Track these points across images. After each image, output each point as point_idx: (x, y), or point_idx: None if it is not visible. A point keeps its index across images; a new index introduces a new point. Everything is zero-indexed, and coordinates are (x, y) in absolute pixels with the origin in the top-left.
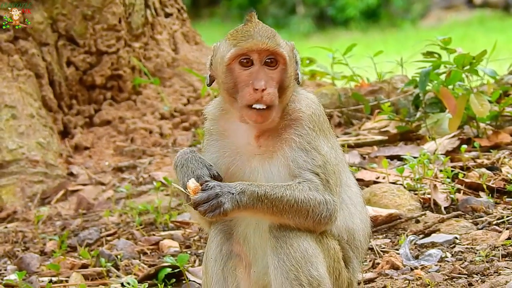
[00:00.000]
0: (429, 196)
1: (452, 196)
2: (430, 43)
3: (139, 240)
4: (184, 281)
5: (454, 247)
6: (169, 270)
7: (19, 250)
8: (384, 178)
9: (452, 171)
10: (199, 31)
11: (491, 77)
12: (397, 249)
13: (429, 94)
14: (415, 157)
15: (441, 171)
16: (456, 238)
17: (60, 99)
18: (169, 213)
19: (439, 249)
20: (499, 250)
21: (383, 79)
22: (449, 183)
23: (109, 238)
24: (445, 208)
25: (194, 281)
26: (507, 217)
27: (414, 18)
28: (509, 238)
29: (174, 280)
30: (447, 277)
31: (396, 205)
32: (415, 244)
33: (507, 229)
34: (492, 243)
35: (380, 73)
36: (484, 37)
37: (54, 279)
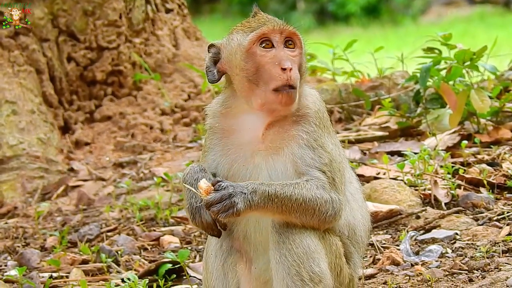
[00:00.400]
0: (429, 192)
1: (452, 192)
2: (430, 39)
3: (139, 236)
4: (184, 277)
5: (455, 243)
6: (169, 265)
7: (19, 246)
8: (384, 173)
9: (453, 166)
10: (199, 27)
11: (492, 73)
12: (398, 245)
13: (429, 90)
14: (415, 153)
15: (441, 166)
16: (457, 234)
17: (61, 94)
18: (169, 208)
19: (439, 245)
20: (499, 246)
21: (383, 75)
22: (450, 178)
23: (109, 233)
24: (445, 204)
25: (194, 276)
26: (508, 212)
27: (415, 14)
28: (509, 234)
29: (175, 275)
30: (447, 273)
31: (397, 201)
32: (415, 240)
33: (507, 224)
34: (493, 239)
35: (381, 68)
36: (485, 33)
37: (54, 274)
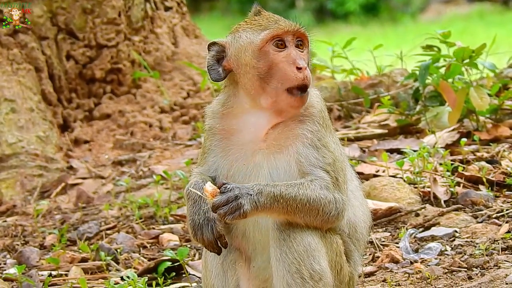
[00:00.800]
0: (429, 189)
1: (451, 189)
2: (429, 36)
3: (138, 234)
4: (184, 275)
5: (454, 240)
6: (169, 263)
7: (18, 244)
8: (384, 171)
9: (452, 164)
10: (199, 25)
11: (491, 70)
12: (397, 243)
13: (428, 88)
14: (414, 151)
15: (440, 164)
16: (456, 231)
17: (60, 92)
18: (168, 206)
19: (439, 242)
20: (498, 244)
21: (382, 73)
22: (449, 176)
23: (108, 231)
24: (444, 201)
25: (194, 274)
26: (507, 210)
27: (414, 12)
28: (508, 232)
29: (174, 273)
30: (446, 270)
31: (396, 199)
32: (415, 237)
33: (506, 222)
34: (492, 237)
35: (380, 66)
36: (484, 31)
37: (53, 273)
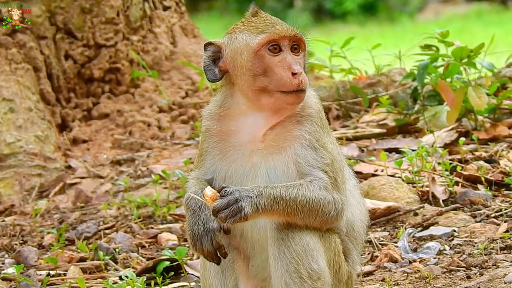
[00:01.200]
0: (427, 188)
1: (450, 189)
2: (428, 36)
3: (137, 233)
4: (182, 274)
5: (453, 240)
6: (167, 263)
7: (17, 244)
8: (382, 171)
9: (450, 163)
10: (197, 24)
11: (489, 70)
12: (396, 242)
13: (427, 87)
14: (413, 150)
15: (439, 163)
16: (455, 231)
17: (58, 92)
18: (167, 206)
19: (437, 242)
20: (497, 243)
21: (381, 72)
22: (447, 175)
23: (107, 231)
24: (443, 201)
25: (192, 274)
26: (505, 209)
27: (412, 12)
28: (507, 231)
29: (173, 273)
30: (445, 270)
31: (395, 198)
32: (413, 237)
33: (505, 221)
34: (491, 236)
35: (378, 66)
36: (482, 30)
37: (52, 272)
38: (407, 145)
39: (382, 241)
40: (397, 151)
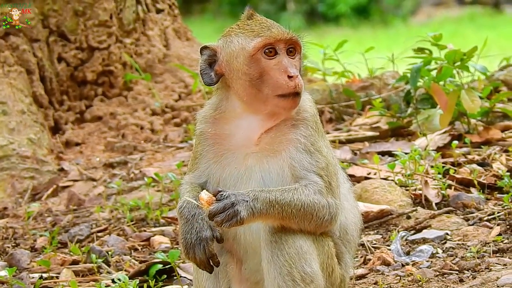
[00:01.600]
0: (420, 192)
1: (443, 192)
2: (421, 39)
3: (130, 236)
4: (175, 277)
5: (445, 243)
6: (160, 266)
7: (9, 246)
8: (375, 174)
9: (443, 167)
10: (190, 27)
11: (482, 73)
12: (389, 245)
13: (420, 90)
14: (406, 153)
15: (432, 167)
16: (447, 234)
17: (51, 95)
18: (160, 209)
19: (430, 245)
20: (490, 246)
21: (374, 75)
22: (440, 179)
23: (100, 234)
24: (436, 204)
25: (185, 277)
26: (498, 213)
27: (405, 15)
28: (500, 234)
29: (165, 276)
30: (438, 273)
31: (388, 201)
32: (406, 240)
33: (498, 225)
34: (483, 239)
35: (371, 69)
36: (475, 33)
37: (44, 275)
38: (400, 148)
39: (375, 244)
40: (390, 154)
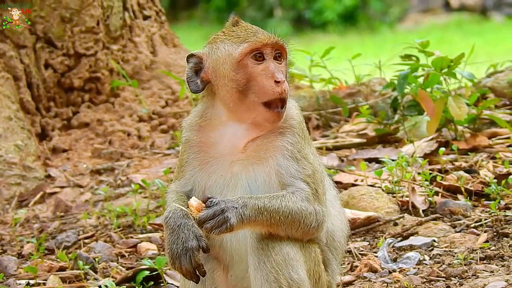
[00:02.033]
0: (407, 198)
1: (430, 199)
2: (408, 46)
3: (117, 243)
4: (162, 284)
5: (432, 250)
6: (147, 272)
7: None
8: (362, 180)
9: (430, 173)
10: (177, 34)
11: (469, 80)
12: (375, 252)
13: (407, 97)
14: (393, 160)
15: (419, 173)
16: (434, 241)
17: (38, 101)
18: (147, 215)
19: (417, 252)
20: (477, 253)
21: (361, 82)
22: (427, 186)
23: (87, 240)
24: (423, 211)
25: (172, 283)
26: (485, 220)
27: (392, 21)
28: (487, 241)
29: (152, 283)
30: (425, 280)
31: (374, 208)
32: (393, 247)
33: (485, 232)
34: (470, 246)
35: (358, 75)
36: (462, 40)
37: (31, 282)
38: (387, 155)
39: (362, 251)
40: (377, 161)
